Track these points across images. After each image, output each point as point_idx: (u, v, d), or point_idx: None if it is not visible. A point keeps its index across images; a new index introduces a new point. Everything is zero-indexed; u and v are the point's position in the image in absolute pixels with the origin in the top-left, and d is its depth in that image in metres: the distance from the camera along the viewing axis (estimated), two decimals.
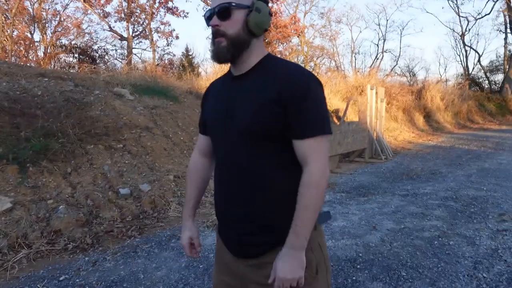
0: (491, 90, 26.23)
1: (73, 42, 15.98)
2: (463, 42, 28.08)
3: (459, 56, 36.55)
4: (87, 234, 3.36)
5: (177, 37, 23.06)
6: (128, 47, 18.55)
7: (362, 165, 7.48)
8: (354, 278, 2.60)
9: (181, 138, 5.90)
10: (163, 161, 5.10)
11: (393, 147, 9.58)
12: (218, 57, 1.06)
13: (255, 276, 1.08)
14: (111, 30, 18.61)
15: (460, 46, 28.65)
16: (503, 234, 3.41)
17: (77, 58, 15.06)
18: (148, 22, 18.76)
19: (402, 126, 12.88)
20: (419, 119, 14.79)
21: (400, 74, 28.74)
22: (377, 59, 29.06)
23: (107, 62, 16.82)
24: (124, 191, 4.14)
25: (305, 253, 1.02)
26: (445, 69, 50.17)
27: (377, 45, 34.32)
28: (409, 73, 29.31)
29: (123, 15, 18.30)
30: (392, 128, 11.96)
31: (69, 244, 3.19)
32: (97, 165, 4.36)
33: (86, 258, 2.98)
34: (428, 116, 15.63)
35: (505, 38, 25.98)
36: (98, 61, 15.78)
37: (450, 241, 3.25)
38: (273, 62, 1.08)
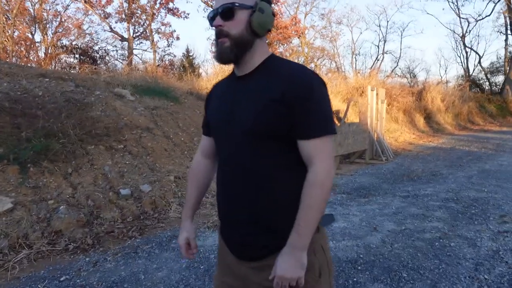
0: (491, 91, 26.25)
1: (74, 43, 15.99)
2: (464, 44, 28.13)
3: (460, 57, 36.80)
4: (88, 235, 3.36)
5: (178, 38, 23.06)
6: (129, 48, 18.58)
7: (363, 166, 7.48)
8: (355, 279, 2.59)
9: (182, 139, 5.90)
10: (164, 161, 5.10)
11: (393, 148, 9.58)
12: (221, 57, 1.06)
13: (257, 278, 1.07)
14: (112, 31, 18.65)
15: (461, 47, 28.70)
16: (504, 235, 3.41)
17: (78, 58, 15.09)
18: (148, 23, 18.79)
19: (402, 128, 12.88)
20: (420, 120, 14.80)
21: (400, 75, 28.75)
22: (378, 60, 29.11)
23: (108, 62, 16.86)
24: (124, 191, 4.14)
25: (308, 256, 1.01)
26: (445, 71, 50.42)
27: (378, 47, 34.53)
28: (410, 75, 29.32)
29: (123, 16, 18.33)
30: (392, 129, 11.96)
31: (70, 244, 3.19)
32: (98, 165, 4.36)
33: (87, 259, 2.98)
34: (428, 117, 15.64)
35: (506, 40, 26.03)
36: (99, 62, 15.81)
37: (451, 243, 3.24)
38: (276, 63, 1.08)
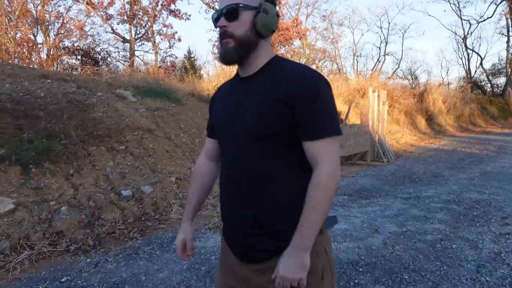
0: (493, 93, 26.24)
1: (76, 44, 16.10)
2: (465, 45, 28.12)
3: (461, 59, 36.70)
4: (89, 236, 3.36)
5: (179, 40, 23.21)
6: (131, 49, 18.63)
7: (364, 168, 7.47)
8: (356, 281, 2.59)
9: (183, 140, 5.91)
10: (165, 163, 5.11)
11: (395, 150, 9.57)
12: (225, 58, 1.05)
13: (259, 280, 1.07)
14: (113, 32, 18.74)
15: (462, 49, 28.75)
16: (506, 237, 3.39)
17: (80, 60, 15.16)
18: (150, 25, 18.87)
19: (404, 129, 12.86)
20: (421, 122, 14.78)
21: (402, 77, 28.78)
22: (379, 62, 29.14)
23: (110, 64, 16.93)
24: (126, 192, 4.14)
25: (311, 258, 1.00)
26: (447, 72, 50.01)
27: (379, 48, 34.58)
28: (411, 76, 29.35)
29: (125, 18, 18.41)
30: (394, 131, 11.95)
31: (71, 245, 3.19)
32: (99, 166, 4.37)
33: (88, 260, 2.98)
34: (430, 119, 15.62)
35: (508, 41, 26.02)
36: (100, 63, 15.87)
37: (453, 245, 3.23)
38: (280, 64, 1.07)
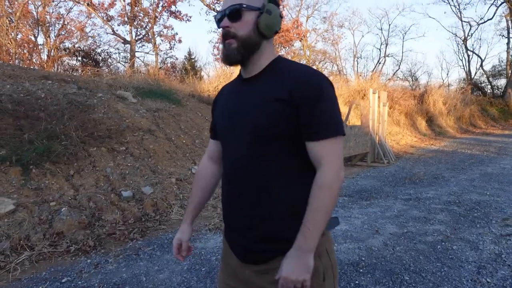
0: (493, 95, 26.27)
1: (76, 45, 16.10)
2: (466, 47, 28.16)
3: (462, 60, 36.80)
4: (89, 237, 3.36)
5: (180, 41, 23.24)
6: (131, 50, 18.66)
7: (365, 169, 7.47)
8: (357, 282, 2.59)
9: (184, 141, 5.91)
10: (166, 164, 5.11)
11: (395, 151, 9.57)
12: (228, 58, 1.05)
13: (260, 281, 1.06)
14: (114, 34, 18.76)
15: (463, 50, 28.80)
16: (507, 238, 3.39)
17: (81, 61, 15.18)
18: (151, 26, 18.88)
19: (404, 130, 12.87)
20: (422, 123, 14.79)
21: (402, 78, 28.82)
22: (379, 63, 29.18)
23: (110, 65, 16.95)
24: (126, 193, 4.15)
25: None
26: (447, 74, 50.42)
27: (379, 50, 34.59)
28: (411, 78, 29.37)
29: (126, 19, 18.42)
30: (394, 132, 11.96)
31: (71, 246, 3.19)
32: (100, 167, 4.37)
33: (88, 260, 2.98)
34: (430, 120, 15.63)
35: (508, 43, 26.04)
36: (101, 64, 15.89)
37: (454, 246, 3.23)
38: (284, 64, 1.07)
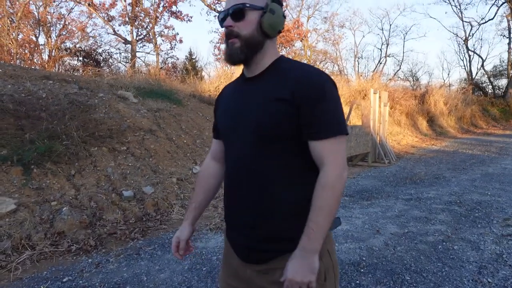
0: (494, 95, 26.24)
1: (77, 45, 16.12)
2: (467, 47, 28.13)
3: (463, 61, 36.70)
4: (90, 236, 3.36)
5: (181, 41, 23.31)
6: (132, 50, 18.67)
7: (365, 169, 7.47)
8: (357, 282, 2.58)
9: (185, 141, 5.92)
10: (167, 163, 5.11)
11: (396, 151, 9.57)
12: (231, 58, 1.05)
13: (260, 281, 1.06)
14: (115, 34, 18.77)
15: (464, 51, 28.81)
16: (508, 239, 3.39)
17: (82, 61, 15.21)
18: (152, 26, 18.90)
19: (405, 131, 12.86)
20: (423, 123, 14.78)
21: (403, 78, 28.77)
22: (380, 63, 29.11)
23: (111, 65, 17.00)
24: (127, 193, 4.15)
25: None
26: (448, 74, 50.34)
27: (380, 50, 34.42)
28: (412, 78, 29.32)
29: (127, 19, 18.44)
30: (395, 132, 11.95)
31: (73, 245, 3.19)
32: (101, 167, 4.37)
33: (89, 260, 2.98)
34: (431, 120, 15.62)
35: (509, 43, 26.01)
36: (102, 64, 15.92)
37: (454, 246, 3.23)
38: (286, 64, 1.07)
